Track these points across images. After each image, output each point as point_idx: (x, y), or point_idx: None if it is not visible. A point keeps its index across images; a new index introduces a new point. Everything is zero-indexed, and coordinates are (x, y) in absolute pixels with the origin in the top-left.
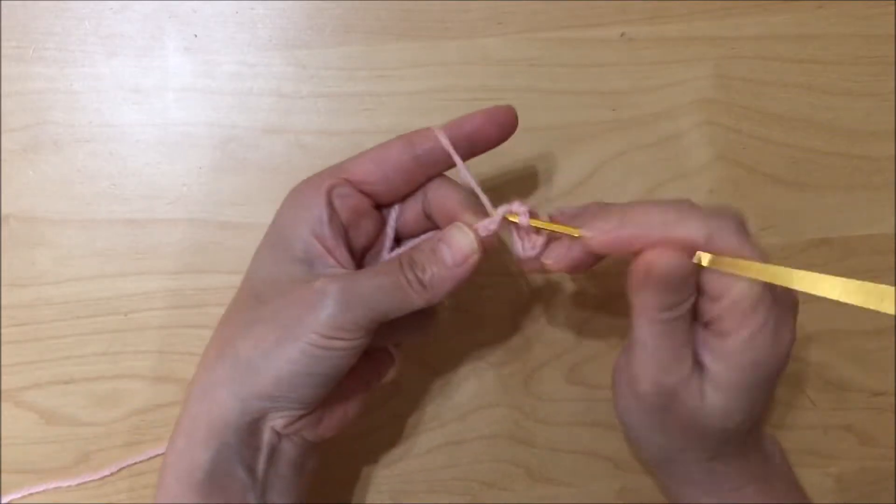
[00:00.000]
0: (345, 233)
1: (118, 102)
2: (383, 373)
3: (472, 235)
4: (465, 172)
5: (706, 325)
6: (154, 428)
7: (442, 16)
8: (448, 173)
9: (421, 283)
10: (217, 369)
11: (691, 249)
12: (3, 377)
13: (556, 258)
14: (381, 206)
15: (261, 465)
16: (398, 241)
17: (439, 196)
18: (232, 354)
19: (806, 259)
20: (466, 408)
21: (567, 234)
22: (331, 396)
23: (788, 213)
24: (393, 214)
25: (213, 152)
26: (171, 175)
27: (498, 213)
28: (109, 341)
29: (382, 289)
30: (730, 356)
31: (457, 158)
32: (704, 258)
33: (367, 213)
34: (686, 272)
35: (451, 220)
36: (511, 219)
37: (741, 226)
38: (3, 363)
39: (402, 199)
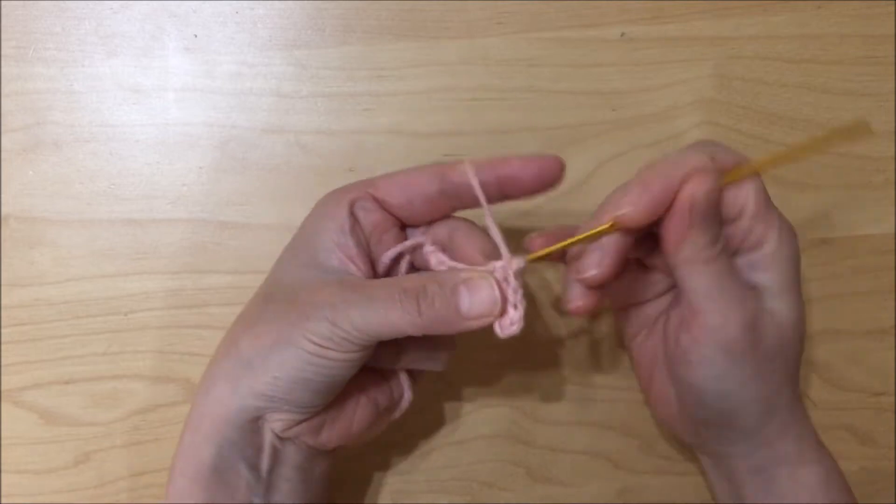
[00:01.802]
0: (367, 245)
1: (118, 102)
2: (396, 397)
3: (497, 292)
4: (489, 220)
5: (738, 249)
6: (154, 428)
7: (442, 16)
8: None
9: (419, 311)
10: (222, 365)
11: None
12: (3, 377)
13: (597, 263)
14: (406, 227)
15: (264, 464)
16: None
17: (461, 237)
18: (235, 352)
19: (806, 259)
20: (466, 408)
21: (594, 236)
22: (332, 406)
23: (788, 213)
24: (415, 235)
25: (213, 152)
26: (171, 175)
27: (521, 258)
28: (109, 341)
29: (373, 311)
30: (773, 260)
31: (484, 203)
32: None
33: (391, 230)
34: (718, 194)
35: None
36: (531, 257)
37: (722, 144)
38: (3, 363)
39: (428, 223)
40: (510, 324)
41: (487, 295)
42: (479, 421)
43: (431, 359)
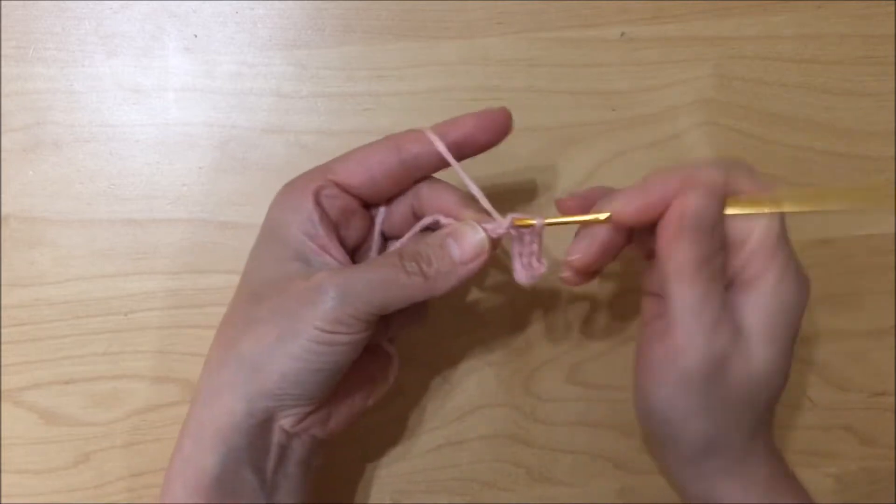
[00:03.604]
0: (336, 230)
1: (118, 102)
2: (385, 369)
3: (482, 233)
4: (464, 176)
5: (732, 283)
6: (154, 428)
7: (442, 16)
8: (443, 175)
9: (424, 275)
10: (222, 372)
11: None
12: (3, 377)
13: (583, 250)
14: (370, 206)
15: (269, 466)
16: (386, 240)
17: (434, 197)
18: (235, 356)
19: (806, 259)
20: (466, 408)
21: (588, 223)
22: (337, 392)
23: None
24: (380, 216)
25: (213, 152)
26: (171, 175)
27: (507, 219)
28: (109, 341)
29: (382, 281)
30: (764, 303)
31: (454, 163)
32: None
33: (356, 212)
34: (716, 213)
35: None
36: (525, 222)
37: (751, 168)
38: (3, 363)
39: (390, 199)
40: (529, 272)
41: (472, 236)
42: (479, 421)
43: (413, 320)
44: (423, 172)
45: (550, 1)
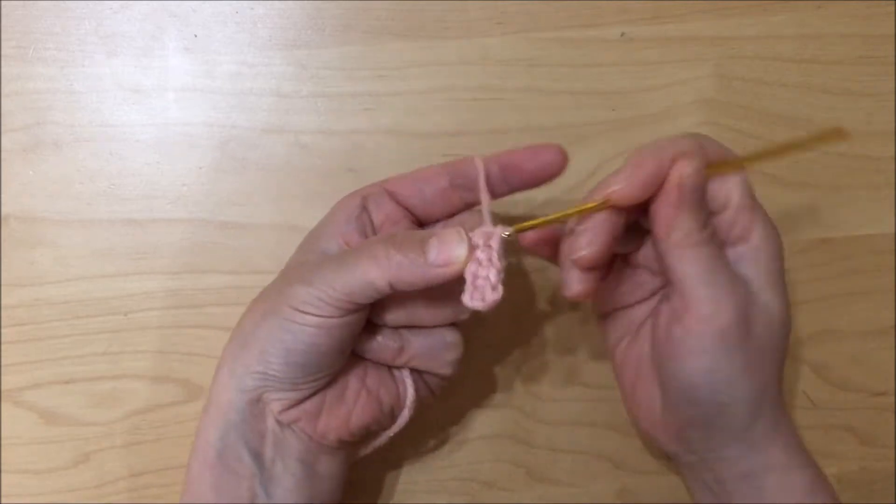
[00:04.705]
0: (374, 234)
1: (118, 102)
2: (397, 397)
3: (466, 244)
4: (485, 208)
5: (722, 244)
6: (154, 428)
7: (442, 16)
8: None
9: (387, 256)
10: (226, 348)
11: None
12: (3, 377)
13: (590, 240)
14: (423, 224)
15: (267, 452)
16: None
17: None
18: (237, 332)
19: (806, 259)
20: (466, 408)
21: (588, 212)
22: (331, 392)
23: (788, 213)
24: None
25: (213, 152)
26: (171, 175)
27: (497, 229)
28: (109, 341)
29: (346, 264)
30: (758, 255)
31: (483, 192)
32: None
33: (401, 221)
34: (704, 179)
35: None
36: (525, 226)
37: (710, 138)
38: (3, 363)
39: (442, 218)
40: (480, 295)
41: (454, 243)
42: (479, 421)
43: (436, 358)
44: (475, 197)
45: (550, 1)
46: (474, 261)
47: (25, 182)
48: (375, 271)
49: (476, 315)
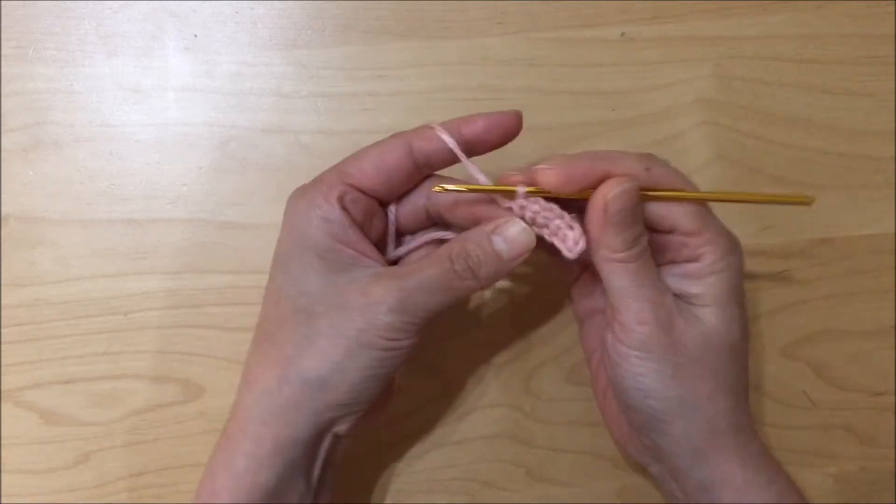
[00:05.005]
0: (363, 233)
1: (118, 102)
2: None
3: (529, 231)
4: (475, 170)
5: (673, 261)
6: (154, 428)
7: (442, 16)
8: (450, 171)
9: (475, 274)
10: (284, 392)
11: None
12: (3, 377)
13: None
14: (384, 204)
15: (316, 472)
16: (399, 235)
17: (451, 196)
18: (298, 375)
19: (806, 259)
20: (466, 408)
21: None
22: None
23: (788, 213)
24: (391, 213)
25: (213, 152)
26: (171, 175)
27: (520, 191)
28: (109, 341)
29: (437, 287)
30: (705, 275)
31: (465, 160)
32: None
33: (377, 212)
34: (636, 200)
35: (470, 216)
36: (536, 189)
37: (666, 161)
38: (3, 363)
39: (401, 196)
40: (573, 242)
41: (518, 231)
42: (479, 421)
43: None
44: (432, 169)
45: (550, 1)
46: (536, 225)
47: (25, 182)
48: (468, 289)
49: (476, 315)
